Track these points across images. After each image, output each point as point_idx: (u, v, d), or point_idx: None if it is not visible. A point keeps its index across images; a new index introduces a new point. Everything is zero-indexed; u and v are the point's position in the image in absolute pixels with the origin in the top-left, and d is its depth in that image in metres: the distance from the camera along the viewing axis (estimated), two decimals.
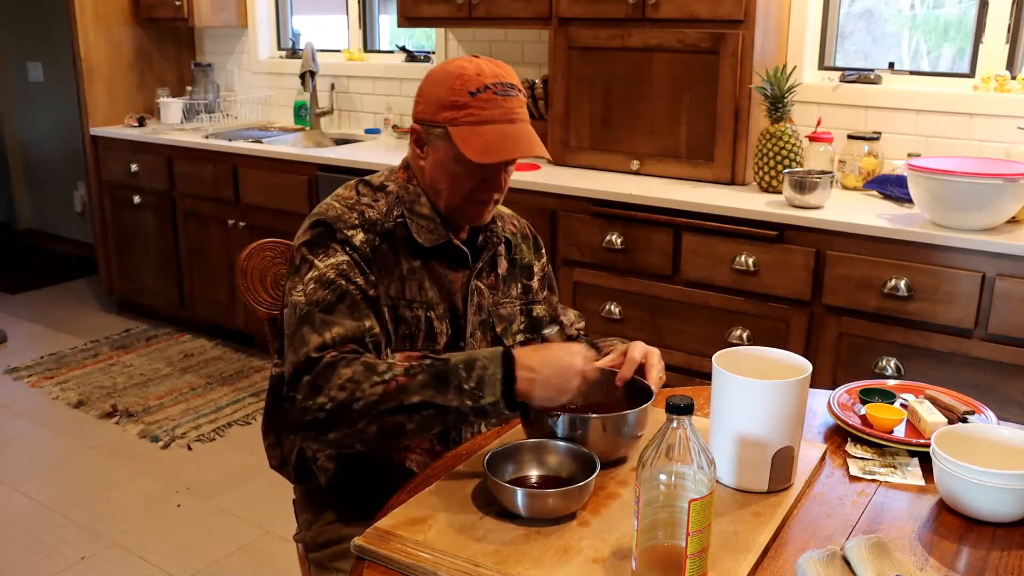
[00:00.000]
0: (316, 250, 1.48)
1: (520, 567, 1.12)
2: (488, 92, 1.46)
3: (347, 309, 1.43)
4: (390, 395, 1.33)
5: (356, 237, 1.49)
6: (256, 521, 2.82)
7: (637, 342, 1.54)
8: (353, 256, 1.47)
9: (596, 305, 2.96)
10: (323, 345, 1.38)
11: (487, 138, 1.45)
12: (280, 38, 4.70)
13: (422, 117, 1.51)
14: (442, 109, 1.47)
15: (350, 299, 1.43)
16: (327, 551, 1.59)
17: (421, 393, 1.33)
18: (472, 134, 1.45)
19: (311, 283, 1.45)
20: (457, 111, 1.46)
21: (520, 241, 1.73)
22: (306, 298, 1.43)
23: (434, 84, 1.50)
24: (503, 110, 1.47)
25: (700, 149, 2.97)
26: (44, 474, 3.11)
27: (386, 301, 1.50)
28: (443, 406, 1.34)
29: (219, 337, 4.33)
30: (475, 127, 1.46)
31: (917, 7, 3.11)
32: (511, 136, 1.47)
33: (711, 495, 1.06)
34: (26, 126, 5.93)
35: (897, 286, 2.42)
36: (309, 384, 1.35)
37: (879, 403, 1.57)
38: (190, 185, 4.12)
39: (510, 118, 1.48)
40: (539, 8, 3.20)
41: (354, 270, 1.46)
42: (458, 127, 1.46)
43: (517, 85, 1.51)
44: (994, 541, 1.22)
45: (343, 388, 1.33)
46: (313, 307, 1.42)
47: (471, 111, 1.45)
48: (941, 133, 2.87)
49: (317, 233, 1.50)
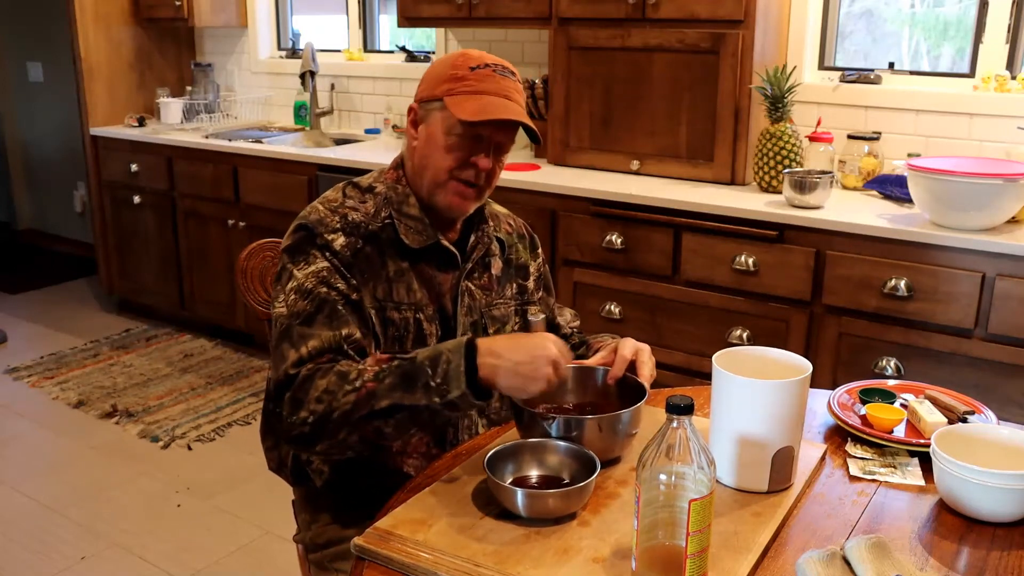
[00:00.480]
0: (296, 257, 1.49)
1: (520, 567, 1.12)
2: (488, 69, 1.50)
3: (326, 318, 1.43)
4: (362, 402, 1.33)
5: (336, 241, 1.49)
6: (256, 521, 2.82)
7: (627, 339, 1.53)
8: (333, 262, 1.47)
9: (596, 305, 2.96)
10: (300, 360, 1.38)
11: (480, 103, 1.47)
12: (280, 38, 4.70)
13: (421, 96, 1.54)
14: (441, 83, 1.50)
15: (329, 307, 1.43)
16: (327, 551, 1.59)
17: (390, 396, 1.32)
18: (466, 100, 1.47)
19: (291, 294, 1.45)
20: (455, 83, 1.49)
21: (516, 241, 1.72)
22: (287, 310, 1.44)
23: (436, 66, 1.55)
24: (500, 86, 1.50)
25: (700, 149, 2.97)
26: (44, 474, 3.11)
27: (373, 304, 1.50)
28: (413, 406, 1.32)
29: (219, 337, 4.33)
30: (470, 95, 1.48)
31: (917, 6, 3.11)
32: (503, 107, 1.48)
33: (711, 495, 1.06)
34: (26, 126, 5.93)
35: (897, 286, 2.42)
36: (290, 400, 1.36)
37: (879, 403, 1.57)
38: (190, 185, 4.12)
39: (506, 94, 1.50)
40: (539, 8, 3.20)
41: (334, 275, 1.46)
42: (454, 96, 1.48)
43: (516, 73, 1.54)
44: (994, 541, 1.22)
45: (320, 400, 1.34)
46: (293, 319, 1.43)
47: (469, 83, 1.48)
48: (941, 133, 2.87)
49: (298, 238, 1.50)
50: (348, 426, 1.34)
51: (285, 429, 1.38)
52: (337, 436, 1.35)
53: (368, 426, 1.34)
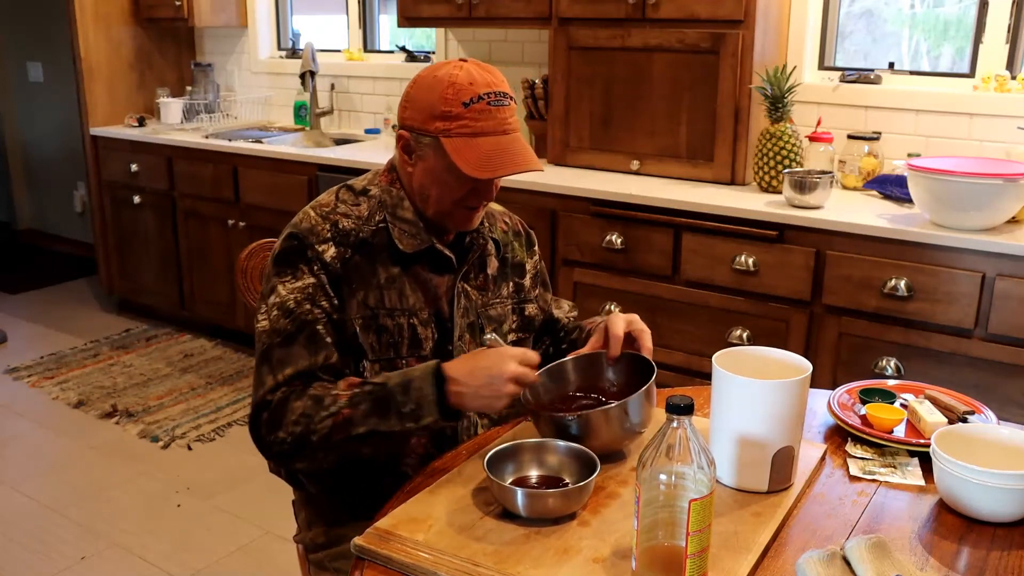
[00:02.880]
0: (284, 270, 1.49)
1: (520, 567, 1.12)
2: (482, 103, 1.43)
3: (305, 340, 1.45)
4: (339, 427, 1.38)
5: (327, 252, 1.49)
6: (256, 521, 2.82)
7: (614, 315, 1.52)
8: (320, 277, 1.48)
9: (596, 305, 2.96)
10: (276, 385, 1.43)
11: (482, 152, 1.43)
12: (280, 38, 4.70)
13: (411, 125, 1.49)
14: (433, 119, 1.45)
15: (309, 329, 1.45)
16: (327, 552, 1.59)
17: (365, 423, 1.37)
18: (466, 147, 1.43)
19: (274, 309, 1.47)
20: (449, 122, 1.44)
21: (512, 239, 1.71)
22: (270, 325, 1.46)
23: (424, 90, 1.47)
24: (496, 121, 1.45)
25: (700, 149, 2.97)
26: (44, 474, 3.11)
27: (364, 312, 1.50)
28: (389, 431, 1.37)
29: (219, 337, 4.33)
30: (469, 139, 1.44)
31: (917, 6, 3.11)
32: (506, 149, 1.45)
33: (711, 495, 1.06)
34: (26, 126, 5.93)
35: (897, 286, 2.42)
36: (268, 421, 1.42)
37: (879, 403, 1.57)
38: (190, 185, 4.12)
39: (504, 129, 1.46)
40: (539, 8, 3.20)
41: (319, 293, 1.47)
42: (451, 139, 1.44)
43: (509, 92, 1.48)
44: (994, 541, 1.22)
45: (297, 423, 1.39)
46: (274, 338, 1.45)
47: (465, 123, 1.43)
48: (941, 133, 2.86)
49: (289, 248, 1.50)
50: (325, 449, 1.40)
51: (265, 447, 1.44)
52: (315, 456, 1.41)
53: (345, 448, 1.40)
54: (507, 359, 1.36)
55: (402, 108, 1.51)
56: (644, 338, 1.50)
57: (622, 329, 1.49)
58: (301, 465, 1.45)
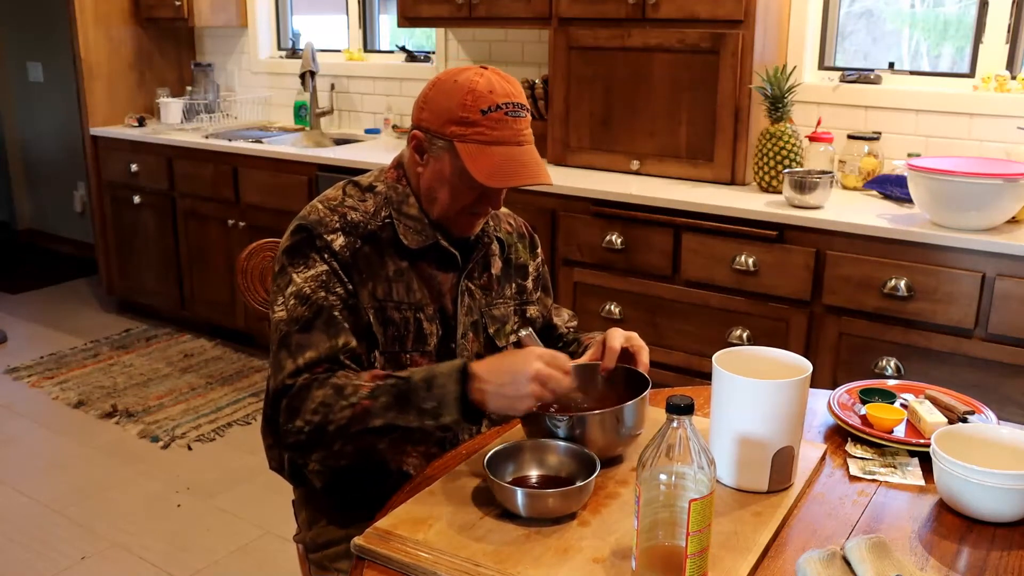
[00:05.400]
0: (296, 260, 1.49)
1: (520, 567, 1.12)
2: (500, 112, 1.44)
3: (323, 325, 1.44)
4: (357, 419, 1.36)
5: (336, 242, 1.49)
6: (256, 521, 2.82)
7: (614, 330, 1.52)
8: (332, 264, 1.47)
9: (596, 305, 2.96)
10: (297, 370, 1.42)
11: (496, 160, 1.44)
12: (280, 38, 4.70)
13: (427, 126, 1.49)
14: (450, 123, 1.45)
15: (326, 314, 1.45)
16: (327, 551, 1.59)
17: (384, 416, 1.36)
18: (480, 154, 1.44)
19: (291, 299, 1.46)
20: (466, 128, 1.44)
21: (516, 240, 1.72)
22: (287, 314, 1.46)
23: (443, 94, 1.47)
24: (512, 131, 1.46)
25: (700, 149, 2.97)
26: (44, 474, 3.11)
27: (373, 303, 1.50)
28: (407, 427, 1.36)
29: (219, 337, 4.33)
30: (484, 147, 1.44)
31: (917, 6, 3.11)
32: (519, 160, 1.45)
33: (711, 495, 1.06)
34: (26, 126, 5.93)
35: (897, 286, 2.42)
36: (287, 408, 1.40)
37: (879, 403, 1.57)
38: (190, 185, 4.12)
39: (518, 140, 1.47)
40: (539, 8, 3.20)
41: (333, 280, 1.47)
42: (466, 144, 1.44)
43: (526, 104, 1.49)
44: (994, 541, 1.22)
45: (316, 412, 1.38)
46: (292, 326, 1.44)
47: (481, 130, 1.44)
48: (941, 133, 2.87)
49: (298, 240, 1.50)
50: (343, 439, 1.38)
51: (282, 435, 1.42)
52: (332, 447, 1.40)
53: (362, 440, 1.39)
54: (533, 358, 1.33)
55: (419, 108, 1.51)
56: (642, 354, 1.49)
57: (619, 343, 1.49)
58: (317, 456, 1.42)
